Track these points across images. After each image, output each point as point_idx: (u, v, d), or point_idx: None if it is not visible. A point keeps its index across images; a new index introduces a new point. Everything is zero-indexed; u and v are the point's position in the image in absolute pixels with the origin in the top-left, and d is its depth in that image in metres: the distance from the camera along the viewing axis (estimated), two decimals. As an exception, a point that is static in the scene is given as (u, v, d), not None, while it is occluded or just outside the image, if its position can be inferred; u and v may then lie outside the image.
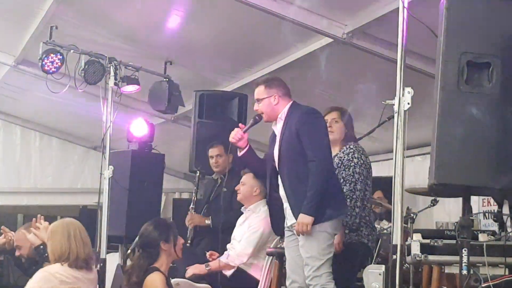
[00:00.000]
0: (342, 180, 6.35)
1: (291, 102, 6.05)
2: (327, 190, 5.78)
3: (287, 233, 6.10)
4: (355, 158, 6.42)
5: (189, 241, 8.05)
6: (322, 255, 5.77)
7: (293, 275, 6.02)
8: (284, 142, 5.93)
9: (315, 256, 5.77)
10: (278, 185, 6.04)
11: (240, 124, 6.25)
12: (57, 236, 5.60)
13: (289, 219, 5.96)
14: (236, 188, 7.53)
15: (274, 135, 6.12)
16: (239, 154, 6.18)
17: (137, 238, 6.60)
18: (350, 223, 6.33)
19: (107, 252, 7.95)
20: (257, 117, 6.13)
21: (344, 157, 6.44)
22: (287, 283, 6.08)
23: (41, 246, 6.11)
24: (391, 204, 5.07)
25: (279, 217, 6.15)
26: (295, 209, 5.82)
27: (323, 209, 5.77)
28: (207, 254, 7.55)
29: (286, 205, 5.98)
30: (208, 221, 7.88)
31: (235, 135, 6.06)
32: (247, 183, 7.48)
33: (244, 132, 6.10)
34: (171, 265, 6.37)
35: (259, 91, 6.09)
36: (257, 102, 6.08)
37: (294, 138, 5.86)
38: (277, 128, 6.05)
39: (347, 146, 6.50)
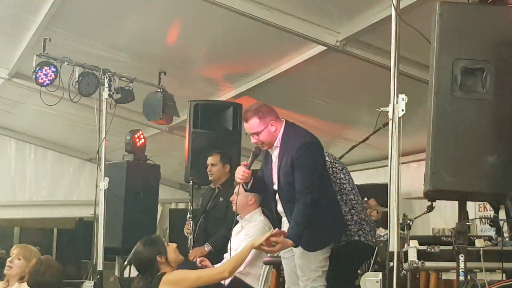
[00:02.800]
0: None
1: (283, 123, 6.00)
2: (321, 219, 5.81)
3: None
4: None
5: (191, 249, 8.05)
6: (318, 267, 5.81)
7: (292, 286, 6.05)
8: (282, 169, 5.92)
9: (312, 268, 5.81)
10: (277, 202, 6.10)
11: (243, 162, 6.19)
12: None
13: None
14: (230, 199, 7.51)
15: (267, 153, 6.11)
16: (248, 188, 6.16)
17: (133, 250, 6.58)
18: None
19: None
20: (256, 151, 6.09)
21: None
22: None
23: None
24: (386, 211, 5.06)
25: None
26: (291, 234, 5.77)
27: (323, 236, 5.87)
28: (198, 260, 7.53)
29: (284, 219, 6.05)
30: (207, 248, 7.86)
31: (242, 175, 6.01)
32: (241, 193, 7.46)
33: (249, 168, 6.06)
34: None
35: (254, 124, 5.93)
36: (254, 135, 5.95)
37: (289, 169, 5.84)
38: (274, 153, 6.02)
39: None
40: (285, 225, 6.01)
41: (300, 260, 5.84)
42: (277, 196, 6.05)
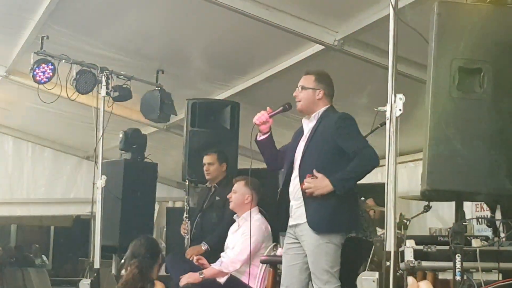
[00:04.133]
0: None
1: (330, 105, 5.94)
2: (340, 202, 5.67)
3: (287, 238, 5.99)
4: None
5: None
6: (331, 267, 5.66)
7: (286, 283, 5.94)
8: (314, 141, 5.79)
9: (324, 268, 5.65)
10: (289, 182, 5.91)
11: (268, 108, 6.00)
12: None
13: (293, 219, 5.85)
14: (228, 196, 7.53)
15: (300, 131, 6.00)
16: (258, 138, 5.99)
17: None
18: None
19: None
20: (286, 105, 5.98)
21: None
22: None
23: None
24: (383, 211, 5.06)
25: (288, 214, 5.99)
26: (311, 209, 5.69)
27: (339, 219, 5.70)
28: (194, 258, 7.53)
29: (293, 203, 5.85)
30: (204, 247, 7.85)
31: (260, 117, 5.89)
32: (238, 191, 7.47)
33: (270, 116, 5.92)
34: (165, 274, 6.37)
35: (308, 80, 5.91)
36: (300, 88, 5.90)
37: (328, 141, 5.73)
38: (308, 125, 5.92)
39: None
40: (293, 210, 5.83)
41: (311, 262, 5.71)
42: (293, 174, 5.88)
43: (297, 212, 5.80)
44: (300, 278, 5.84)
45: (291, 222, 5.91)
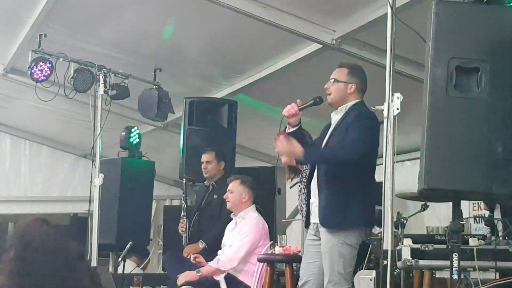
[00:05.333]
0: None
1: (360, 100, 5.81)
2: (353, 198, 5.64)
3: (309, 234, 5.90)
4: None
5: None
6: (343, 269, 5.59)
7: (305, 278, 5.84)
8: (335, 135, 5.74)
9: (337, 270, 5.59)
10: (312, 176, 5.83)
11: (298, 100, 5.87)
12: None
13: (313, 216, 5.79)
14: (224, 197, 7.52)
15: (328, 125, 5.92)
16: (287, 130, 5.83)
17: (128, 246, 6.59)
18: None
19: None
20: (317, 99, 5.87)
21: None
22: (300, 283, 5.88)
23: None
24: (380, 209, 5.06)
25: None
26: (322, 204, 5.65)
27: (349, 215, 5.62)
28: (192, 257, 7.54)
29: (313, 199, 5.79)
30: (201, 245, 7.85)
31: (289, 109, 5.76)
32: (235, 191, 7.47)
33: (300, 109, 5.80)
34: (162, 272, 6.36)
35: (341, 73, 5.83)
36: (332, 81, 5.81)
37: (343, 134, 5.66)
38: (335, 118, 5.83)
39: None
40: (313, 207, 5.76)
41: (325, 258, 5.64)
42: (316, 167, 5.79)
43: (316, 211, 5.76)
44: (319, 276, 5.75)
45: (312, 219, 5.84)
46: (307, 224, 5.98)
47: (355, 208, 5.65)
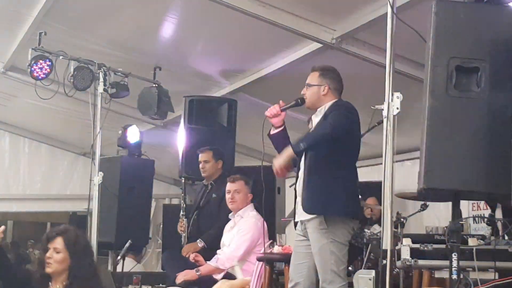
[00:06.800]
0: None
1: (337, 99, 5.89)
2: (335, 181, 5.66)
3: (296, 235, 5.92)
4: None
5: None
6: (336, 267, 5.61)
7: (295, 279, 5.85)
8: (315, 128, 5.77)
9: (330, 268, 5.60)
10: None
11: (281, 101, 5.96)
12: None
13: (298, 214, 5.82)
14: (230, 197, 7.49)
15: (311, 128, 5.94)
16: (271, 132, 5.93)
17: (127, 244, 6.59)
18: None
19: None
20: (299, 100, 5.92)
21: None
22: (289, 285, 5.89)
23: None
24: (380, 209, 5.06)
25: None
26: (305, 195, 5.69)
27: (329, 201, 5.63)
28: (191, 256, 7.54)
29: (298, 199, 5.82)
30: (200, 244, 7.85)
31: (271, 110, 5.86)
32: (241, 191, 7.46)
33: (282, 110, 5.88)
34: (161, 271, 6.34)
35: (312, 77, 5.92)
36: (307, 86, 5.91)
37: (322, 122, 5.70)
38: (315, 120, 5.88)
39: None
40: (299, 206, 5.79)
41: (316, 258, 5.68)
42: (300, 170, 5.84)
43: (300, 207, 5.77)
44: (310, 276, 5.78)
45: (296, 218, 5.87)
46: (296, 224, 5.99)
47: (338, 196, 5.66)
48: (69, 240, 5.68)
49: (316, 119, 5.88)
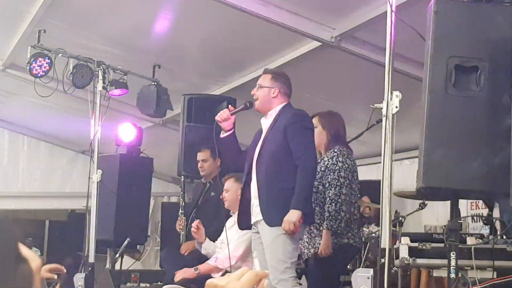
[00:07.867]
0: (327, 184, 6.39)
1: (286, 102, 6.13)
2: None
3: (254, 234, 6.13)
4: (339, 162, 6.46)
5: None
6: (287, 258, 5.79)
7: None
8: (270, 138, 5.98)
9: (281, 258, 5.79)
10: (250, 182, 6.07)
11: (230, 106, 6.29)
12: None
13: (254, 216, 6.01)
14: (221, 197, 7.50)
15: (260, 131, 6.17)
16: (221, 135, 6.20)
17: (125, 242, 6.58)
18: (335, 227, 6.34)
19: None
20: (248, 104, 6.20)
21: (329, 161, 6.48)
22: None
23: None
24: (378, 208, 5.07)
25: (249, 213, 6.16)
26: (265, 205, 5.86)
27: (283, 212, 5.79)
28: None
29: (254, 201, 6.01)
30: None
31: (221, 114, 6.11)
32: (230, 189, 7.46)
33: (232, 114, 6.14)
34: (160, 269, 6.35)
35: (264, 79, 6.18)
36: (258, 87, 6.15)
37: (280, 137, 5.90)
38: (265, 123, 6.11)
39: (332, 150, 6.55)
40: (254, 208, 6.01)
41: (268, 252, 5.83)
42: (253, 173, 6.02)
43: (257, 210, 5.97)
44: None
45: (252, 219, 6.07)
46: (242, 227, 6.34)
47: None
48: None
49: (266, 121, 6.11)
